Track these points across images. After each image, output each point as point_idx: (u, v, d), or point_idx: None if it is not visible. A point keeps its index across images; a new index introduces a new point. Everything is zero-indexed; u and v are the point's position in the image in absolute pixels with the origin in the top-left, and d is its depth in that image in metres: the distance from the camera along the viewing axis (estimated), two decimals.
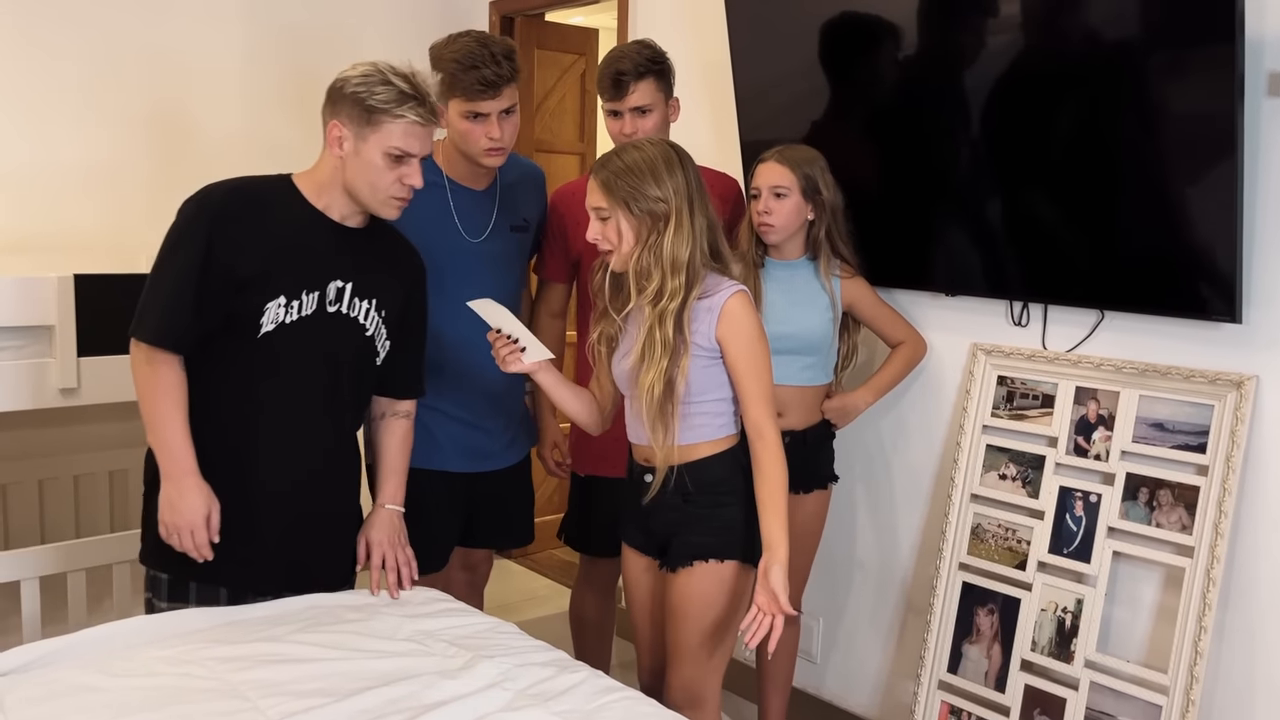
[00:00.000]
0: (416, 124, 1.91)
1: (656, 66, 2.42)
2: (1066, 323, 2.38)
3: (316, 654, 1.81)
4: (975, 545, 2.47)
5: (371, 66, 1.92)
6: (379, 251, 2.06)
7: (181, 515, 1.90)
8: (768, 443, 1.93)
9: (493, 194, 2.42)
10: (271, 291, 1.92)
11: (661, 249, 1.92)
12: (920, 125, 2.47)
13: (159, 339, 1.90)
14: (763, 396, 1.94)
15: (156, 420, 1.91)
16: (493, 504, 2.54)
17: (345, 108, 1.91)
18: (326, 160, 1.98)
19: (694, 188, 1.95)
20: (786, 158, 2.37)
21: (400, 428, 2.18)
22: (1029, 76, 2.27)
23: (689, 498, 2.00)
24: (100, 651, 1.80)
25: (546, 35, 4.13)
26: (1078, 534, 2.30)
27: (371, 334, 2.05)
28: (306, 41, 3.63)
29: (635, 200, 1.91)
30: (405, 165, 1.93)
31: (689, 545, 2.00)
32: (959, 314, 2.56)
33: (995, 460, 2.47)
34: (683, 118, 3.14)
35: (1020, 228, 2.37)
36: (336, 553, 2.12)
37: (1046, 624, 2.33)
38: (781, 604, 1.86)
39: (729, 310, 1.92)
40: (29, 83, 3.11)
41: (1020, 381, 2.45)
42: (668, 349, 1.92)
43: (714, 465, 2.00)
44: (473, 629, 1.99)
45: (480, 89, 2.19)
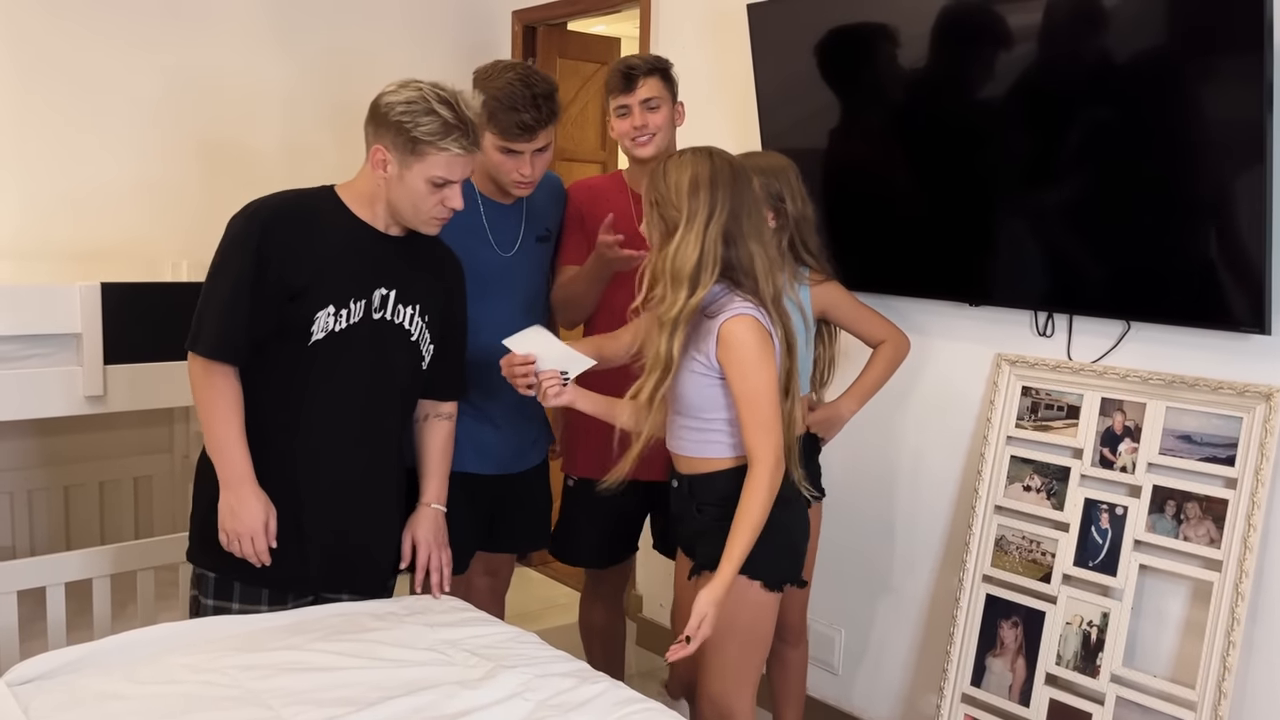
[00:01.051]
0: (460, 156, 1.95)
1: (663, 66, 2.46)
2: (1092, 333, 2.36)
3: (339, 663, 1.82)
4: (999, 557, 2.45)
5: (417, 93, 1.93)
6: (421, 257, 2.10)
7: (243, 522, 1.94)
8: (753, 471, 1.92)
9: (519, 207, 2.47)
10: (322, 300, 1.96)
11: (668, 257, 1.92)
12: (943, 134, 2.45)
13: (216, 352, 1.94)
14: (756, 423, 1.92)
15: (215, 430, 1.95)
16: (513, 507, 2.57)
17: (389, 134, 1.94)
18: (369, 175, 2.01)
19: (720, 207, 1.91)
20: (749, 166, 2.26)
21: (443, 429, 2.21)
22: (1054, 85, 2.25)
23: (701, 508, 2.02)
24: (124, 658, 1.81)
25: (568, 44, 4.14)
26: (1103, 547, 2.28)
27: (416, 339, 2.09)
28: (338, 61, 3.66)
29: (658, 204, 1.95)
30: (448, 190, 1.98)
31: (702, 555, 2.02)
32: (983, 324, 2.54)
33: (1019, 472, 2.45)
34: (705, 127, 3.15)
35: (1045, 237, 2.35)
36: (379, 555, 2.15)
37: (1071, 637, 2.30)
38: (689, 624, 1.87)
39: (725, 333, 1.91)
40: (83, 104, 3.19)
41: (1045, 392, 2.43)
42: (659, 362, 1.93)
43: (723, 480, 2.00)
44: (494, 638, 1.98)
45: (518, 132, 2.25)
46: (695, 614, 1.89)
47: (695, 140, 2.49)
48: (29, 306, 2.48)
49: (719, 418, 1.98)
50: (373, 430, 2.07)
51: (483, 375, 2.40)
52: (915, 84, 2.52)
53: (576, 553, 2.68)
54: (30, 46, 3.10)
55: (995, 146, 2.37)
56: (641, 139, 2.44)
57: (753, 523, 1.91)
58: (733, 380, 1.93)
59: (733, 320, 1.91)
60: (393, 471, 2.15)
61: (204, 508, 2.02)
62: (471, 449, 2.44)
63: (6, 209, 3.11)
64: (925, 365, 2.65)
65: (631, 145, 2.46)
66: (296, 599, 2.06)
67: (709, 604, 1.89)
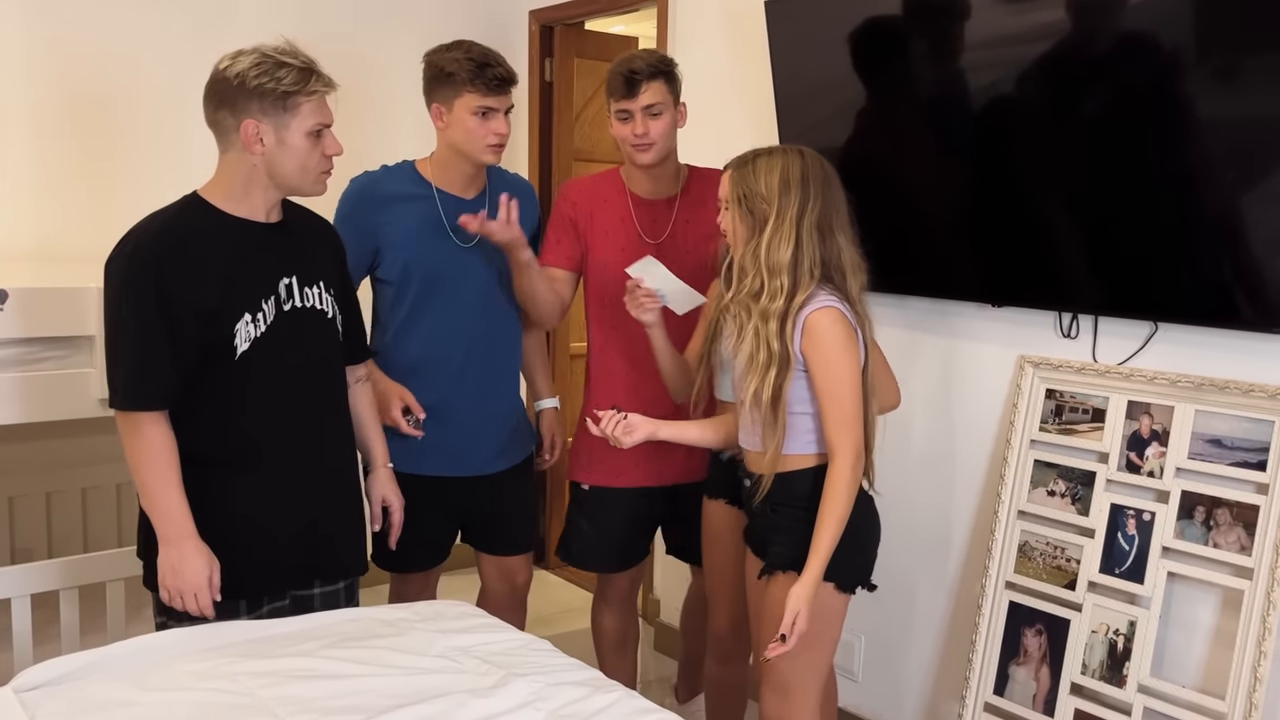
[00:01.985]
0: (325, 94, 1.92)
1: (666, 69, 2.41)
2: (1118, 334, 2.30)
3: (348, 670, 1.79)
4: (1022, 564, 2.40)
5: (255, 55, 1.89)
6: (305, 233, 2.07)
7: (185, 580, 1.88)
8: (835, 465, 1.94)
9: (482, 202, 2.47)
10: (237, 312, 1.91)
11: (759, 250, 1.95)
12: (966, 131, 2.41)
13: (143, 402, 1.87)
14: (839, 417, 1.94)
15: (150, 485, 1.88)
16: (492, 510, 2.57)
17: (254, 103, 1.87)
18: (238, 164, 1.93)
19: (810, 201, 1.96)
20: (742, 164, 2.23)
21: (366, 391, 2.24)
22: (1080, 81, 2.20)
23: (776, 507, 2.02)
24: (133, 665, 1.80)
25: (586, 44, 4.11)
26: (1130, 553, 2.23)
27: (331, 316, 2.07)
28: (349, 54, 3.63)
29: (747, 198, 1.97)
30: (325, 138, 1.94)
31: (775, 554, 2.02)
32: (1005, 325, 2.49)
33: (1043, 476, 2.40)
34: (723, 126, 3.12)
35: (1070, 236, 2.30)
36: (348, 537, 2.13)
37: (1097, 646, 2.25)
38: (784, 622, 1.89)
39: (811, 324, 1.93)
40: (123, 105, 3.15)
41: (1069, 395, 2.37)
42: (774, 356, 1.94)
43: (802, 478, 2.00)
44: (506, 645, 1.95)
45: (497, 84, 2.32)
46: (789, 611, 1.90)
47: (710, 140, 2.47)
48: (43, 309, 2.48)
49: (799, 411, 1.99)
50: (323, 418, 2.06)
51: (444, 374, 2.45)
52: (936, 81, 2.47)
53: (586, 557, 2.65)
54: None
55: (1020, 143, 2.32)
56: (642, 146, 2.41)
57: (838, 517, 1.93)
58: (816, 372, 1.94)
59: (819, 312, 1.93)
60: (349, 447, 2.15)
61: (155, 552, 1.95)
62: (440, 453, 2.46)
63: (24, 212, 3.12)
64: (946, 367, 2.60)
65: (632, 151, 2.43)
66: (272, 600, 2.03)
67: (802, 600, 1.90)
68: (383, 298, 2.49)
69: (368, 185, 2.45)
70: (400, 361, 2.45)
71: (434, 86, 2.39)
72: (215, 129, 1.92)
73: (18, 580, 2.44)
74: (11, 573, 2.44)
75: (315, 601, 2.08)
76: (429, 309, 2.44)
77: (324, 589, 2.11)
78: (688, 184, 2.53)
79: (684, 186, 2.53)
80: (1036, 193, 2.32)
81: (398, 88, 3.71)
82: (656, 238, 2.48)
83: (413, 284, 2.43)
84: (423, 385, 2.44)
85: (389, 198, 2.42)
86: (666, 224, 2.49)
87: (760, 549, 2.10)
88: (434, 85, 2.39)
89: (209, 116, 1.92)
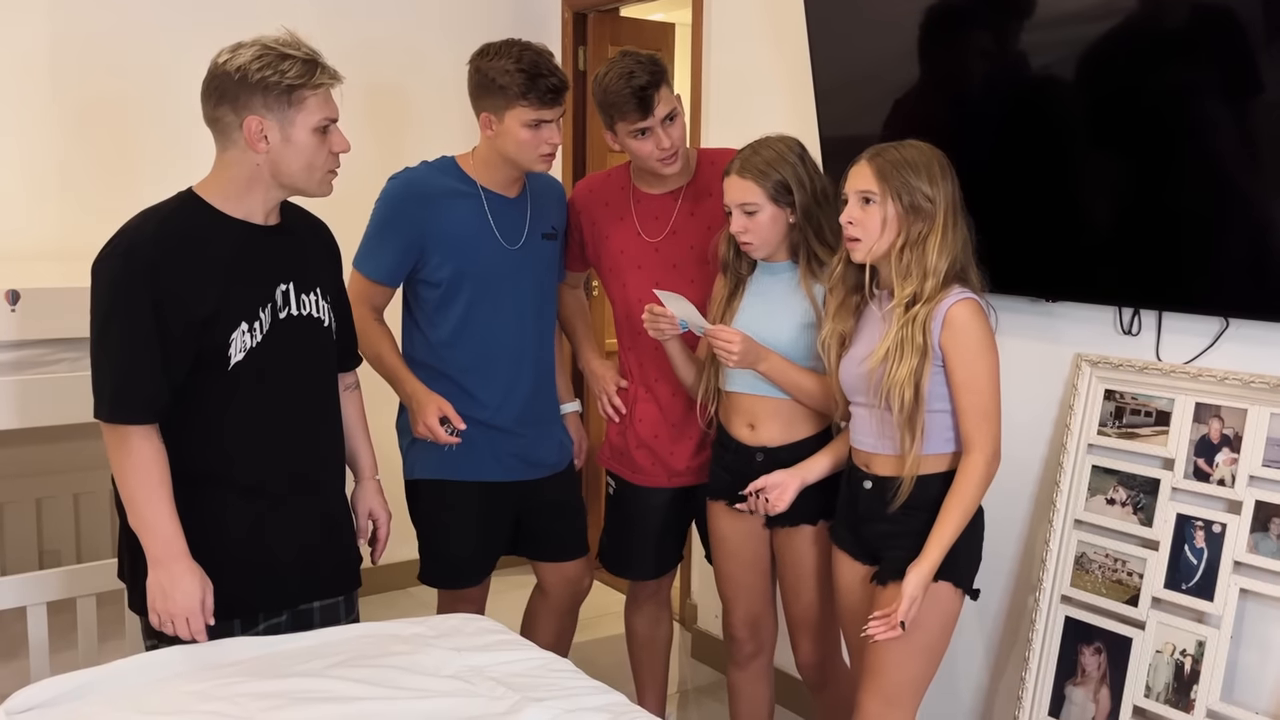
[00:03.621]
0: (330, 86, 1.82)
1: (663, 70, 2.28)
2: (1184, 331, 2.14)
3: (356, 691, 1.70)
4: (1079, 576, 2.25)
5: (258, 47, 1.79)
6: (302, 236, 1.97)
7: (176, 603, 1.77)
8: (970, 459, 1.92)
9: (524, 201, 2.38)
10: (233, 320, 1.81)
11: (925, 251, 1.91)
12: (1016, 115, 2.25)
13: (131, 414, 1.76)
14: (978, 411, 1.91)
15: (139, 504, 1.77)
16: (549, 513, 2.49)
17: (258, 98, 1.77)
18: (239, 163, 1.82)
19: (957, 199, 1.95)
20: (749, 168, 2.14)
21: (354, 399, 2.15)
22: (1141, 63, 2.04)
23: (906, 510, 1.96)
24: (133, 684, 1.72)
25: (621, 31, 3.98)
26: (1198, 568, 2.07)
27: (328, 325, 1.97)
28: (379, 51, 3.56)
29: (906, 193, 1.91)
30: (331, 134, 1.84)
31: (900, 560, 1.94)
32: (1061, 321, 2.33)
33: (1102, 483, 2.24)
34: (762, 112, 3.00)
35: (1131, 224, 2.13)
36: (344, 549, 2.04)
37: (1162, 667, 2.09)
38: (900, 610, 1.87)
39: (953, 317, 1.90)
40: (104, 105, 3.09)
41: (1131, 396, 2.21)
42: (917, 350, 1.90)
43: (934, 482, 1.95)
44: (524, 666, 1.85)
45: (550, 95, 2.20)
46: (907, 598, 1.87)
47: (749, 130, 2.33)
48: (57, 310, 2.42)
49: (934, 408, 1.93)
50: (317, 428, 1.96)
51: (502, 378, 2.35)
52: (987, 65, 2.32)
53: (624, 566, 2.57)
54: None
55: (1076, 126, 2.17)
56: (669, 159, 2.30)
57: (964, 510, 1.90)
58: (955, 366, 1.91)
59: (960, 304, 1.90)
60: (342, 459, 2.05)
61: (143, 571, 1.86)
62: (500, 457, 2.36)
63: (41, 212, 3.07)
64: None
65: (659, 166, 2.31)
66: (268, 618, 1.93)
67: (919, 586, 1.88)
68: (424, 300, 2.35)
69: (412, 182, 2.33)
70: (456, 367, 2.34)
71: (483, 94, 2.24)
72: (214, 127, 1.82)
73: (34, 588, 2.38)
74: (29, 580, 2.38)
75: (315, 616, 1.99)
76: (482, 312, 2.33)
77: (324, 602, 2.01)
78: (697, 172, 2.42)
79: (693, 175, 2.42)
80: (1094, 178, 2.17)
81: (431, 80, 3.64)
82: (655, 236, 2.38)
83: (465, 286, 2.32)
84: (480, 389, 2.34)
85: (436, 195, 2.31)
86: (668, 220, 2.39)
87: (870, 552, 2.04)
88: (483, 94, 2.24)
89: (208, 114, 1.82)
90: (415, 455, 2.39)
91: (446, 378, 2.33)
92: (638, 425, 2.44)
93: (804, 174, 2.14)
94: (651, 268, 2.37)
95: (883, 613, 1.90)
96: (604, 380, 2.50)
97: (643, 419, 2.44)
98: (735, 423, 2.27)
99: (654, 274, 2.35)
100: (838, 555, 2.13)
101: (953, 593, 1.97)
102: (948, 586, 1.95)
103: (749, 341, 2.12)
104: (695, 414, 2.36)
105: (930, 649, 1.98)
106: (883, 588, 1.98)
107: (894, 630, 1.88)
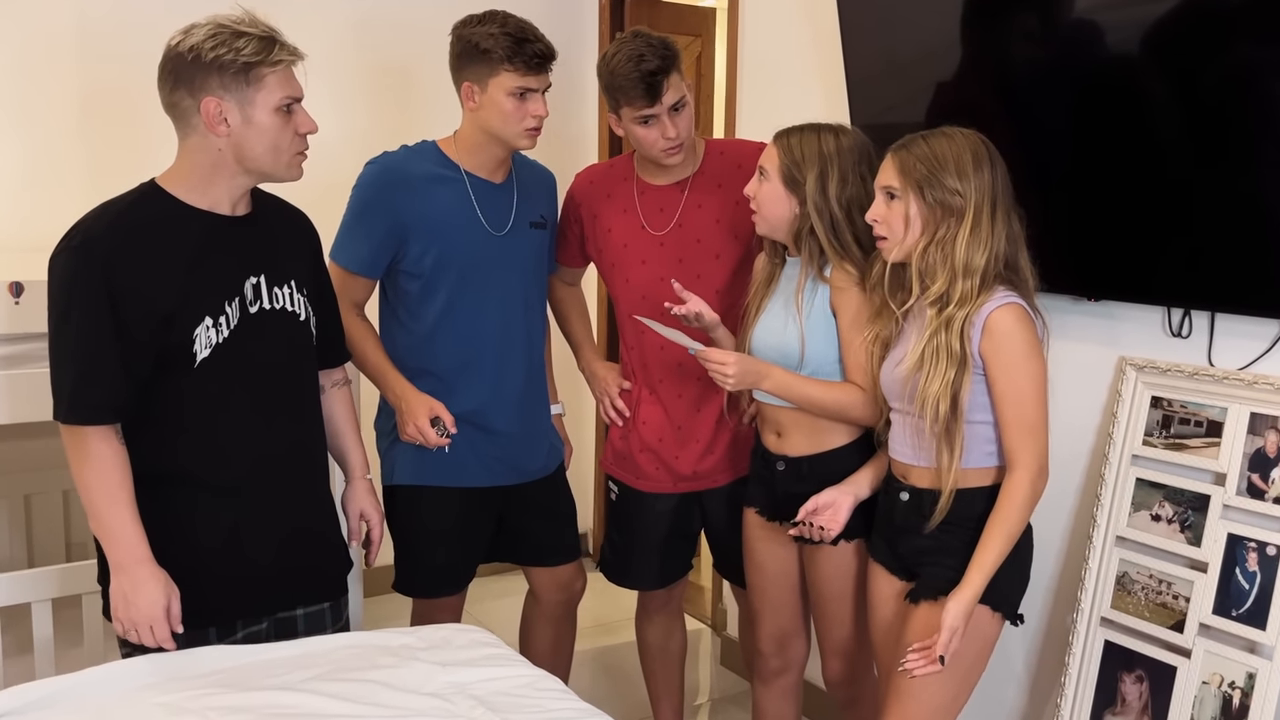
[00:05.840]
0: (291, 63, 1.73)
1: (674, 54, 2.15)
2: (1239, 334, 1.97)
3: (330, 708, 1.63)
4: (1121, 598, 2.08)
5: (210, 25, 1.70)
6: (275, 227, 1.88)
7: (140, 610, 1.70)
8: (1014, 477, 1.80)
9: (510, 187, 2.28)
10: (197, 315, 1.73)
11: (953, 249, 1.80)
12: (1059, 101, 2.10)
13: (90, 415, 1.68)
14: (1022, 424, 1.79)
15: (100, 509, 1.70)
16: (539, 517, 2.40)
17: (214, 78, 1.68)
18: (200, 150, 1.74)
19: (1000, 190, 1.83)
20: (784, 137, 2.04)
21: (343, 396, 2.07)
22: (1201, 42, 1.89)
23: (946, 527, 1.85)
24: (103, 693, 1.66)
25: (659, 16, 3.87)
26: (1250, 593, 1.90)
27: (305, 319, 1.88)
28: (399, 31, 3.49)
29: (931, 188, 1.80)
30: (296, 114, 1.75)
31: (934, 577, 1.86)
32: (1104, 322, 2.17)
33: (1147, 497, 2.07)
34: (796, 99, 2.86)
35: (1183, 217, 1.97)
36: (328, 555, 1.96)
37: (1209, 700, 1.93)
38: (939, 642, 1.76)
39: (993, 323, 1.78)
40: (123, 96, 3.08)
41: (1180, 404, 2.04)
42: (954, 359, 1.79)
43: (977, 497, 1.84)
44: (511, 684, 1.76)
45: (537, 61, 2.11)
46: (947, 629, 1.76)
47: (782, 117, 2.20)
48: None
49: (975, 419, 1.82)
50: (293, 427, 1.87)
51: (488, 376, 2.26)
52: (1029, 52, 2.18)
53: (626, 575, 2.48)
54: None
55: (1123, 114, 2.01)
56: (674, 150, 2.18)
57: (1009, 534, 1.79)
58: (997, 376, 1.79)
59: (1002, 309, 1.79)
60: (322, 458, 1.96)
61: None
62: (487, 461, 2.28)
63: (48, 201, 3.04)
64: None
65: (663, 155, 2.20)
66: (246, 625, 1.85)
67: (960, 617, 1.77)
68: (405, 293, 2.26)
69: (390, 167, 2.23)
70: (440, 363, 2.26)
71: (465, 63, 2.16)
72: (173, 113, 1.74)
73: (40, 584, 2.35)
74: (31, 576, 2.35)
75: (299, 623, 1.92)
76: (467, 302, 2.24)
77: (308, 609, 1.93)
78: (704, 163, 2.29)
79: (700, 166, 2.28)
80: (1143, 167, 2.00)
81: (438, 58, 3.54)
82: (663, 228, 2.26)
83: (447, 277, 2.22)
84: (465, 388, 2.25)
85: (415, 179, 2.21)
86: (674, 212, 2.27)
87: (906, 567, 1.94)
88: (465, 62, 2.16)
89: (165, 100, 1.74)
90: (394, 459, 2.31)
91: (430, 375, 2.23)
92: (641, 428, 2.34)
93: (836, 176, 1.99)
94: (656, 262, 2.26)
95: (921, 645, 1.79)
96: (606, 382, 2.39)
97: (646, 421, 2.33)
98: (764, 429, 2.17)
99: (658, 269, 2.24)
100: (873, 568, 2.02)
101: (991, 617, 1.85)
102: (985, 610, 1.83)
103: (746, 361, 2.01)
104: (701, 416, 2.27)
105: (964, 676, 1.87)
106: (915, 606, 1.88)
107: (933, 665, 1.77)
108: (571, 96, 3.79)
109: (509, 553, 2.44)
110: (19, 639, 2.38)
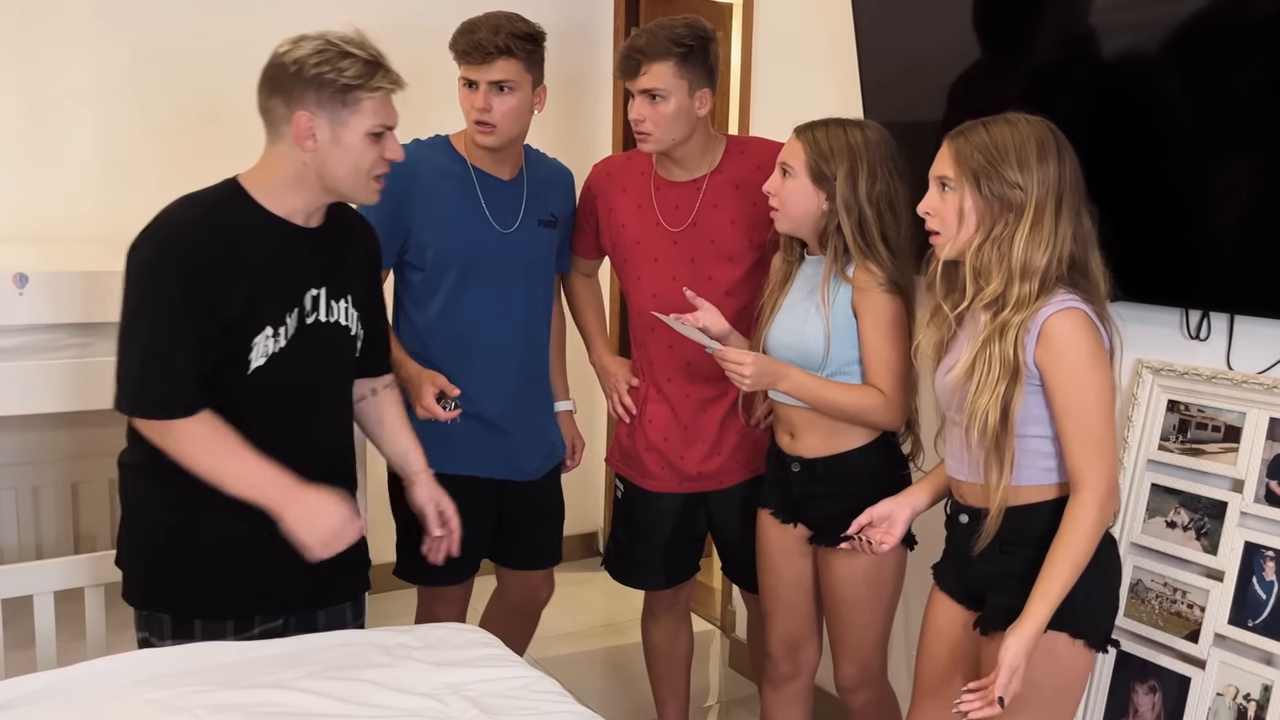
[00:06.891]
0: (390, 93, 1.72)
1: (681, 49, 2.10)
2: (1259, 336, 1.92)
3: (320, 707, 1.61)
4: (1134, 606, 2.04)
5: (320, 42, 1.70)
6: (340, 240, 1.87)
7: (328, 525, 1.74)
8: (1079, 499, 1.64)
9: (520, 184, 2.26)
10: (259, 324, 1.73)
11: (1010, 247, 1.65)
12: (1073, 94, 2.05)
13: (173, 409, 1.70)
14: (1086, 441, 1.64)
15: (227, 479, 1.72)
16: (524, 517, 2.39)
17: (311, 94, 1.68)
18: (285, 159, 1.74)
19: (1067, 185, 1.67)
20: (807, 131, 2.00)
21: (394, 397, 2.07)
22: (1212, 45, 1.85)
23: (1006, 548, 1.72)
24: (95, 688, 1.65)
25: (676, 11, 3.79)
26: (1268, 604, 1.84)
27: (355, 333, 1.88)
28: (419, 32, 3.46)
29: (988, 180, 1.66)
30: (385, 140, 1.75)
31: (997, 604, 1.73)
32: (1120, 323, 2.11)
33: (1162, 504, 2.02)
34: (808, 95, 2.82)
35: (1202, 215, 1.93)
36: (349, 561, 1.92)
37: (1223, 712, 1.88)
38: (997, 682, 1.60)
39: (1049, 330, 1.64)
40: None
41: (1197, 408, 1.99)
42: (1006, 368, 1.65)
43: (1038, 514, 1.70)
44: (506, 685, 1.74)
45: (470, 52, 2.11)
46: (1007, 668, 1.60)
47: (798, 113, 2.15)
48: (68, 294, 2.37)
49: (1034, 433, 1.69)
50: (327, 437, 1.88)
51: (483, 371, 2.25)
52: (1047, 48, 2.13)
53: (630, 574, 2.45)
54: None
55: (1141, 114, 1.97)
56: (640, 133, 2.15)
57: (1075, 561, 1.63)
58: (1056, 388, 1.65)
59: (1060, 314, 1.64)
60: (352, 466, 1.97)
61: (152, 539, 1.81)
62: (481, 452, 2.27)
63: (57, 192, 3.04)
64: None
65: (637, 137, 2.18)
66: (264, 622, 1.85)
67: (1020, 654, 1.61)
68: (411, 284, 2.26)
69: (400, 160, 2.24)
70: (438, 354, 2.26)
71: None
72: (266, 117, 1.75)
73: (42, 577, 2.35)
74: (33, 569, 2.34)
75: (319, 621, 1.92)
76: (466, 297, 2.23)
77: (328, 610, 1.94)
78: (723, 161, 2.25)
79: (718, 164, 2.24)
80: (1161, 164, 1.96)
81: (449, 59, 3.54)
82: (677, 225, 2.23)
83: (451, 269, 2.22)
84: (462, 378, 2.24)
85: (423, 172, 2.20)
86: (689, 211, 2.23)
87: (974, 595, 1.81)
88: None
89: (261, 103, 1.75)
90: None
91: (430, 364, 2.24)
92: (647, 427, 2.31)
93: (867, 175, 1.95)
94: (668, 261, 2.22)
95: (978, 684, 1.64)
96: (615, 378, 2.37)
97: (653, 420, 2.30)
98: (778, 429, 2.14)
99: (670, 268, 2.21)
100: (937, 596, 1.90)
101: (1071, 646, 1.68)
102: (1064, 639, 1.67)
103: (763, 361, 1.97)
104: (707, 416, 2.24)
105: (1051, 712, 1.71)
106: (986, 638, 1.75)
107: (992, 707, 1.61)
108: (586, 90, 3.77)
109: (496, 550, 2.43)
110: (21, 632, 2.38)
